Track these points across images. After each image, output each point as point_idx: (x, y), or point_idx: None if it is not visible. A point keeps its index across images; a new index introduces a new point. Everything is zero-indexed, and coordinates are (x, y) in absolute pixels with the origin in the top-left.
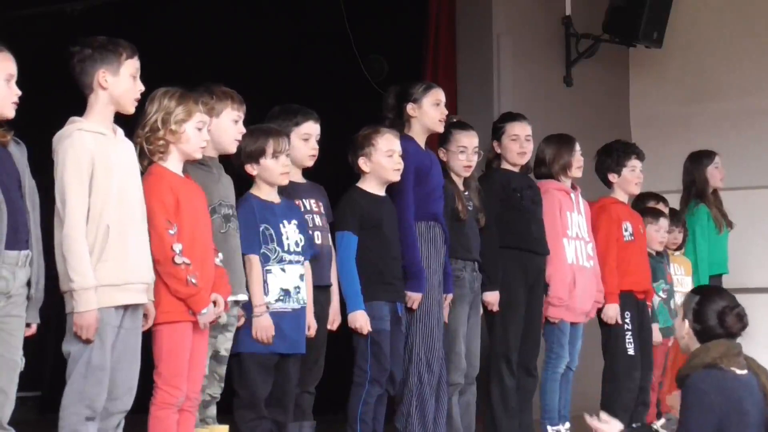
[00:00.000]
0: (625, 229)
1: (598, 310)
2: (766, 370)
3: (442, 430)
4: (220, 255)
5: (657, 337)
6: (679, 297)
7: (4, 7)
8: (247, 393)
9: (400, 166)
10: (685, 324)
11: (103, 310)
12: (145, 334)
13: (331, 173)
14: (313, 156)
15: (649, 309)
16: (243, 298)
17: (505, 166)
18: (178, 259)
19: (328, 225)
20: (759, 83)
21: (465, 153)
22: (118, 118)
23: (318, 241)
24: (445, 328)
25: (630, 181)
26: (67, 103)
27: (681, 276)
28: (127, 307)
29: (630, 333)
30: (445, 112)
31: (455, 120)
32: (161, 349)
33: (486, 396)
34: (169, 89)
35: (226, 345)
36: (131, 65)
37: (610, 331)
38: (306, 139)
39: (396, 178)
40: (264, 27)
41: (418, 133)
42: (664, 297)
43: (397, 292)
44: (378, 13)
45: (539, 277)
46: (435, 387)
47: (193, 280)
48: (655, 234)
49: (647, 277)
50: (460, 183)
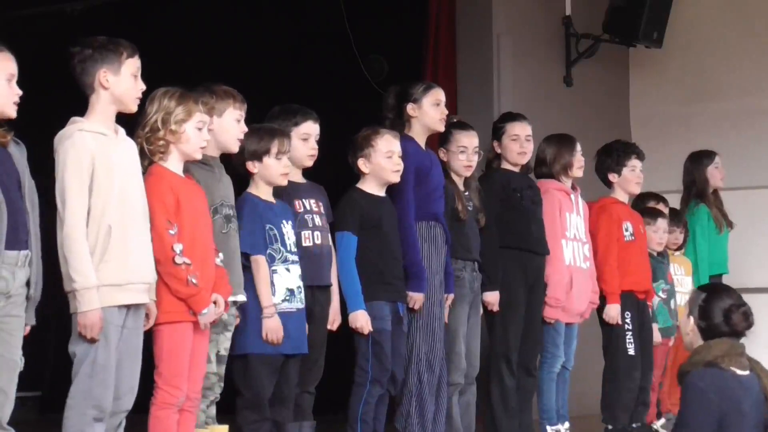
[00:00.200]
0: (626, 229)
1: (598, 310)
2: None
3: (442, 430)
4: (220, 255)
5: (656, 337)
6: (679, 297)
7: (4, 7)
8: (253, 394)
9: (400, 167)
10: (691, 320)
11: (107, 310)
12: (145, 334)
13: (331, 173)
14: (312, 156)
15: (650, 309)
16: (242, 299)
17: (505, 166)
18: (178, 260)
19: (328, 225)
20: (759, 83)
21: (465, 153)
22: (119, 118)
23: (318, 241)
24: (445, 328)
25: (630, 180)
26: (68, 103)
27: (681, 276)
28: (129, 307)
29: (630, 333)
30: (446, 112)
31: (455, 120)
32: (162, 349)
33: (486, 396)
34: (168, 89)
35: (225, 345)
36: (132, 64)
37: (610, 331)
38: (305, 139)
39: (396, 180)
40: (264, 27)
41: (419, 133)
42: (664, 297)
43: (398, 292)
44: (378, 13)
45: (539, 277)
46: (435, 387)
47: (193, 280)
48: (653, 235)
49: (648, 277)
50: (460, 183)
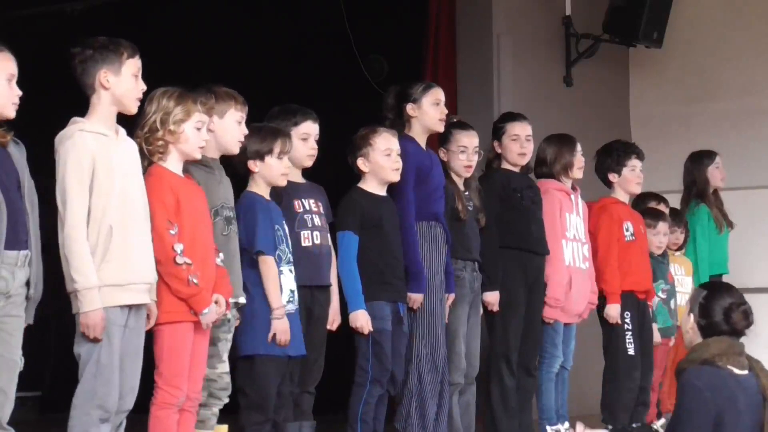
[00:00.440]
0: (626, 229)
1: (598, 309)
2: None
3: (443, 429)
4: (221, 255)
5: (656, 337)
6: (679, 297)
7: (4, 7)
8: (259, 395)
9: (399, 165)
10: (691, 318)
11: (109, 310)
12: (146, 334)
13: (331, 173)
14: (311, 156)
15: (650, 309)
16: (242, 301)
17: (506, 166)
18: (179, 260)
19: (328, 225)
20: (759, 83)
21: (465, 153)
22: (119, 119)
23: (317, 241)
24: (446, 328)
25: (630, 180)
26: (68, 103)
27: (681, 276)
28: (131, 307)
29: (630, 333)
30: (445, 112)
31: (455, 120)
32: (162, 349)
33: (486, 396)
34: (167, 89)
35: (226, 346)
36: (133, 65)
37: (610, 331)
38: (305, 138)
39: (395, 178)
40: (264, 27)
41: (419, 133)
42: (664, 297)
43: (398, 292)
44: (378, 13)
45: (539, 277)
46: (437, 387)
47: (194, 280)
48: (653, 238)
49: (648, 277)
50: (460, 183)
